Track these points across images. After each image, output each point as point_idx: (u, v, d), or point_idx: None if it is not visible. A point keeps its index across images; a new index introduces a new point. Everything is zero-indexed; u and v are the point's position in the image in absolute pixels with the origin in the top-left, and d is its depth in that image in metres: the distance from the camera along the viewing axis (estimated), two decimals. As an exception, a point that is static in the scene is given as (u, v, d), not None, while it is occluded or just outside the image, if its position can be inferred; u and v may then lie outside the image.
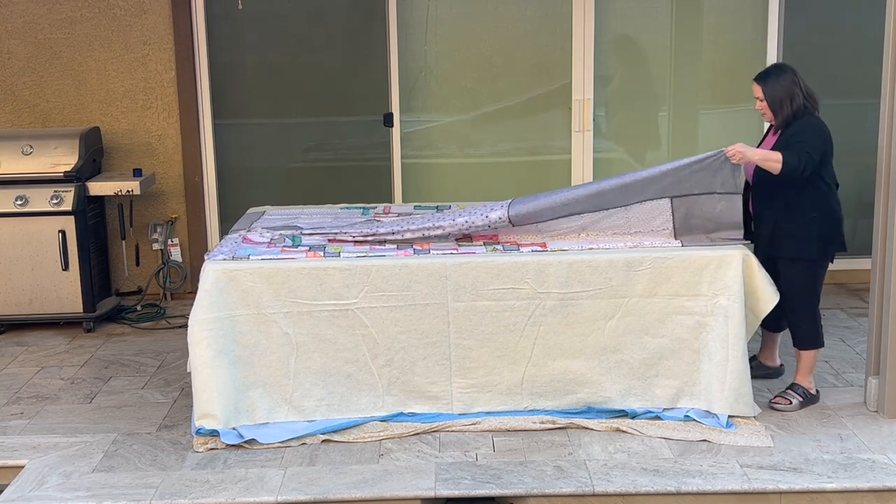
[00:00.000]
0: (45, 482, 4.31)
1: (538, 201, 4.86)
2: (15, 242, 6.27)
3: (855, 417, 4.77)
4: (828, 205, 4.73)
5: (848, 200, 6.97)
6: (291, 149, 7.14)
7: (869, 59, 6.42)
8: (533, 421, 4.73)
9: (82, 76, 6.86)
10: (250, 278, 4.65)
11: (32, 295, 6.33)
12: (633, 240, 4.80)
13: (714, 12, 6.96)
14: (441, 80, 6.98)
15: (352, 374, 4.74)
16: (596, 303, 4.70)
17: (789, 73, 4.74)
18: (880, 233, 4.73)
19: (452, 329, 4.70)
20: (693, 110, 7.03)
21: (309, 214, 5.71)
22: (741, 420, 4.68)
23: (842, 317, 6.29)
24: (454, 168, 7.09)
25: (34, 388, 5.43)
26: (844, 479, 4.19)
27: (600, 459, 4.39)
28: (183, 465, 4.44)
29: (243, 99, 7.03)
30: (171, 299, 7.04)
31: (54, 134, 6.52)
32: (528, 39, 6.94)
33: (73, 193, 6.27)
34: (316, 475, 4.31)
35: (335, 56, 6.98)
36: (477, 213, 4.91)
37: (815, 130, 4.68)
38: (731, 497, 4.16)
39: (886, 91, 4.63)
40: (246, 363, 4.69)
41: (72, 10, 6.78)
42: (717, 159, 4.68)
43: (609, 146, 7.03)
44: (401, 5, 6.81)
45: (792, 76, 4.73)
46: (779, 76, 4.73)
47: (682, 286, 4.68)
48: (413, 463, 4.40)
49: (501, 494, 4.17)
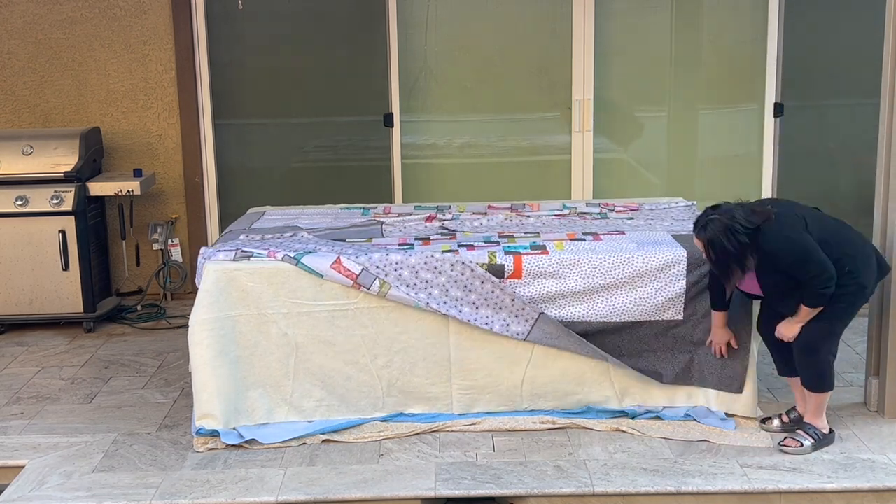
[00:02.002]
0: (46, 482, 4.31)
1: (559, 339, 4.68)
2: (15, 242, 6.27)
3: (855, 417, 4.77)
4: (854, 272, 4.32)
5: (848, 200, 7.04)
6: (291, 149, 7.14)
7: (869, 59, 6.42)
8: (533, 421, 4.73)
9: (82, 76, 6.86)
10: (250, 278, 4.65)
11: (32, 295, 6.33)
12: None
13: (714, 12, 6.96)
14: (441, 80, 6.98)
15: (352, 374, 4.74)
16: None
17: (716, 221, 4.24)
18: (880, 233, 4.73)
19: (452, 330, 4.70)
20: (693, 110, 7.03)
21: (309, 214, 5.71)
22: (741, 420, 4.68)
23: (842, 317, 6.28)
24: (454, 168, 7.09)
25: (34, 388, 5.43)
26: (844, 479, 4.19)
27: (600, 459, 4.39)
28: (183, 465, 4.44)
29: (243, 99, 7.03)
30: (171, 299, 7.04)
31: (54, 134, 6.52)
32: (528, 39, 6.94)
33: (74, 193, 6.27)
34: (316, 475, 4.31)
35: (335, 56, 6.98)
36: (497, 320, 4.65)
37: (788, 244, 4.23)
38: (731, 497, 4.16)
39: (886, 91, 4.63)
40: (246, 363, 4.69)
41: (72, 10, 6.78)
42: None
43: (609, 146, 7.03)
44: (401, 5, 6.81)
45: (721, 225, 4.21)
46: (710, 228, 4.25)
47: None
48: (413, 463, 4.40)
49: (501, 494, 4.17)
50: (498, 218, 5.49)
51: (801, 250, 4.22)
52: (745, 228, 4.19)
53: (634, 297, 4.65)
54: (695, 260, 4.64)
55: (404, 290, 4.60)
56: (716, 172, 7.06)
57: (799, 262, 4.22)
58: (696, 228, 4.32)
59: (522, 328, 4.64)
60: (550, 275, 4.65)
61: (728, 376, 4.66)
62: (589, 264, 4.66)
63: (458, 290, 4.59)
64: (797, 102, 6.88)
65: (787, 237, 4.24)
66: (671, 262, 4.65)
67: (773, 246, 4.21)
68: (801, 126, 6.92)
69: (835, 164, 7.03)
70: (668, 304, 4.65)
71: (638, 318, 4.66)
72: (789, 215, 4.33)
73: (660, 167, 7.08)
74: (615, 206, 5.72)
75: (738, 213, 4.25)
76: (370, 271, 4.61)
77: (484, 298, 4.62)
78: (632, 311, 4.65)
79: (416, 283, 4.62)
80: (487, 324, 4.63)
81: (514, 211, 5.66)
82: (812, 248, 4.23)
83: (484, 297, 4.62)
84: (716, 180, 7.06)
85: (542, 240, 4.95)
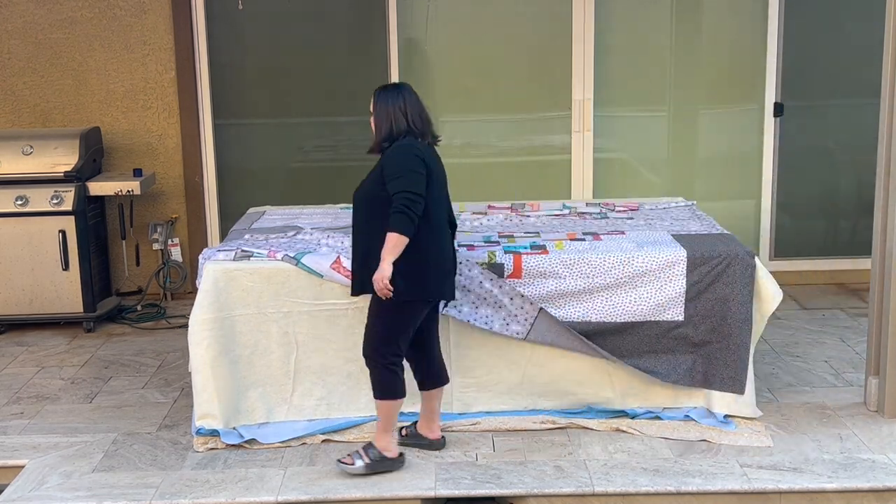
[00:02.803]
0: (46, 482, 4.31)
1: (559, 337, 4.66)
2: (15, 242, 6.27)
3: (855, 417, 4.77)
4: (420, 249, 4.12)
5: (848, 200, 7.04)
6: (291, 149, 7.14)
7: (869, 59, 6.42)
8: (533, 421, 4.72)
9: (82, 76, 6.86)
10: (250, 278, 4.65)
11: (32, 295, 6.33)
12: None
13: (714, 12, 6.96)
14: (441, 80, 6.98)
15: (352, 373, 4.74)
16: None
17: (401, 94, 4.21)
18: (880, 233, 4.73)
19: (452, 328, 4.70)
20: (693, 110, 7.03)
21: (309, 214, 5.71)
22: (741, 420, 4.68)
23: (842, 317, 6.29)
24: (454, 168, 7.04)
25: (34, 388, 5.43)
26: (844, 479, 4.19)
27: (600, 459, 4.39)
28: (183, 464, 4.44)
29: (243, 99, 7.03)
30: (171, 299, 7.04)
31: (54, 134, 6.52)
32: (528, 39, 6.94)
33: (74, 193, 6.27)
34: (316, 475, 4.31)
35: (335, 56, 6.98)
36: (497, 319, 4.65)
37: (403, 153, 4.11)
38: (731, 497, 4.15)
39: (886, 91, 4.63)
40: (246, 363, 4.69)
41: (72, 10, 6.78)
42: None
43: (609, 146, 7.03)
44: (401, 5, 6.81)
45: (402, 98, 4.18)
46: (387, 96, 4.21)
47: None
48: (413, 463, 4.39)
49: (501, 494, 4.17)
50: (498, 218, 5.49)
51: (406, 167, 4.06)
52: (403, 124, 4.14)
53: (634, 297, 4.65)
54: (695, 260, 4.64)
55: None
56: (716, 172, 7.07)
57: (395, 173, 4.06)
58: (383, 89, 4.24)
59: (522, 327, 4.64)
60: (550, 274, 4.65)
61: (731, 377, 4.66)
62: (589, 264, 4.66)
63: (457, 290, 4.58)
64: (797, 102, 6.88)
65: (406, 152, 4.11)
66: (671, 262, 4.65)
67: (392, 153, 4.13)
68: (801, 126, 6.92)
69: (835, 164, 7.03)
70: (668, 303, 4.64)
71: (638, 318, 4.65)
72: (429, 155, 4.16)
73: (660, 167, 7.08)
74: (615, 206, 5.72)
75: (415, 113, 4.17)
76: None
77: (483, 298, 4.62)
78: (632, 310, 4.65)
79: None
80: (487, 324, 4.63)
81: (514, 211, 5.66)
82: (414, 171, 4.06)
83: (483, 297, 4.62)
84: (716, 180, 7.06)
85: (542, 240, 4.95)
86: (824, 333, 5.97)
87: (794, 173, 6.96)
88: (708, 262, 4.63)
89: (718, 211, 6.73)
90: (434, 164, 4.19)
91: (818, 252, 7.09)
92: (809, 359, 5.55)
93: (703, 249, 4.69)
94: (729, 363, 4.66)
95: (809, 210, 7.06)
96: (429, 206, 4.11)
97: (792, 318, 6.24)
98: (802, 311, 6.42)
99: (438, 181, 4.20)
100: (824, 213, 7.07)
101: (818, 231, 7.10)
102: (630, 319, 4.65)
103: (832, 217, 7.08)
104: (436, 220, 4.17)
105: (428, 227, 4.13)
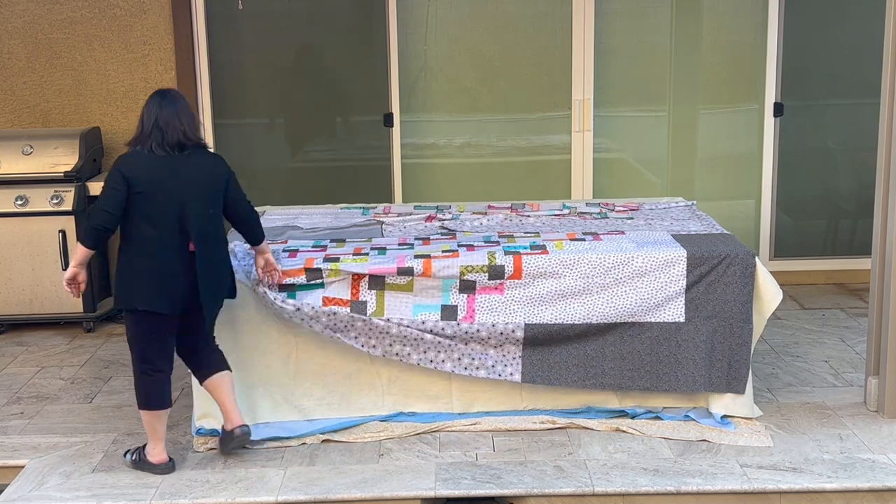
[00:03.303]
0: (46, 482, 4.31)
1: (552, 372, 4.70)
2: (15, 242, 6.27)
3: (855, 417, 4.77)
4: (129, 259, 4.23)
5: (848, 200, 7.04)
6: (291, 149, 7.13)
7: (869, 59, 6.43)
8: (533, 421, 4.73)
9: (82, 76, 6.86)
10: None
11: (32, 295, 6.33)
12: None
13: (714, 12, 6.95)
14: (441, 80, 6.98)
15: (352, 373, 4.74)
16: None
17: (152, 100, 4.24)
18: (880, 233, 4.73)
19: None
20: (693, 110, 7.03)
21: (309, 214, 5.71)
22: (741, 420, 4.68)
23: (842, 317, 6.30)
24: (454, 168, 7.09)
25: (34, 388, 5.43)
26: (844, 479, 4.19)
27: (600, 459, 4.39)
28: (183, 464, 4.44)
29: (243, 99, 7.02)
30: (171, 299, 7.03)
31: (54, 134, 6.52)
32: (528, 39, 6.94)
33: (74, 193, 6.27)
34: (316, 475, 4.31)
35: (335, 56, 6.98)
36: (487, 357, 4.68)
37: (112, 168, 4.17)
38: (731, 497, 4.16)
39: (886, 91, 4.63)
40: (246, 363, 4.69)
41: (72, 10, 6.78)
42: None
43: (609, 146, 7.03)
44: (401, 5, 6.81)
45: (156, 106, 4.21)
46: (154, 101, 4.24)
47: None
48: (413, 463, 4.40)
49: (501, 494, 4.17)
50: (498, 218, 5.49)
51: (106, 182, 4.15)
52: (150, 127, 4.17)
53: (634, 297, 4.65)
54: (695, 260, 4.64)
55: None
56: (716, 172, 7.07)
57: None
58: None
59: (513, 368, 4.66)
60: (550, 275, 4.65)
61: (733, 377, 4.66)
62: (589, 264, 4.66)
63: (424, 346, 4.61)
64: (797, 102, 6.88)
65: (113, 167, 4.16)
66: (671, 262, 4.65)
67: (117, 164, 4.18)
68: (800, 126, 6.92)
69: (835, 164, 7.03)
70: (668, 304, 4.64)
71: (638, 319, 4.65)
72: (148, 169, 4.15)
73: (660, 167, 7.08)
74: (615, 206, 5.72)
75: (185, 120, 4.22)
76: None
77: (455, 340, 4.62)
78: (632, 311, 4.65)
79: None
80: (479, 367, 4.65)
81: (514, 211, 5.66)
82: (112, 185, 4.11)
83: (454, 339, 4.62)
84: (716, 180, 7.06)
85: (542, 240, 4.95)
86: (824, 333, 5.97)
87: (794, 173, 6.96)
88: (708, 262, 4.64)
89: (718, 211, 6.74)
90: (155, 177, 4.16)
91: (818, 252, 7.09)
92: (809, 359, 5.55)
93: (704, 249, 4.69)
94: (729, 363, 4.66)
95: (809, 210, 7.06)
96: (135, 220, 4.15)
97: (792, 318, 6.24)
98: (802, 311, 6.42)
99: (158, 195, 4.16)
100: (824, 213, 7.07)
101: (818, 231, 7.10)
102: (630, 319, 4.65)
103: (832, 217, 7.08)
104: (148, 232, 4.17)
105: (139, 238, 4.17)
